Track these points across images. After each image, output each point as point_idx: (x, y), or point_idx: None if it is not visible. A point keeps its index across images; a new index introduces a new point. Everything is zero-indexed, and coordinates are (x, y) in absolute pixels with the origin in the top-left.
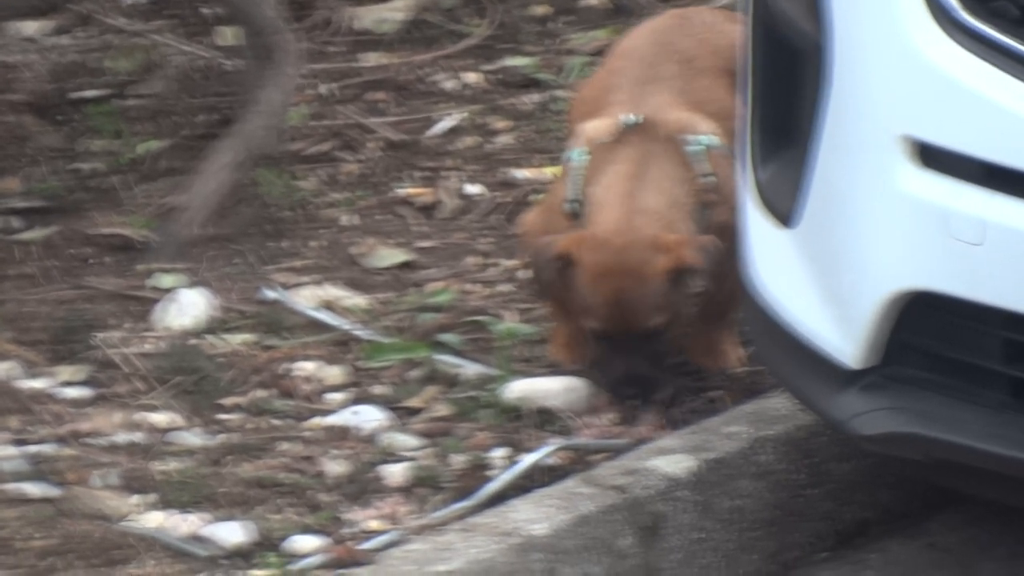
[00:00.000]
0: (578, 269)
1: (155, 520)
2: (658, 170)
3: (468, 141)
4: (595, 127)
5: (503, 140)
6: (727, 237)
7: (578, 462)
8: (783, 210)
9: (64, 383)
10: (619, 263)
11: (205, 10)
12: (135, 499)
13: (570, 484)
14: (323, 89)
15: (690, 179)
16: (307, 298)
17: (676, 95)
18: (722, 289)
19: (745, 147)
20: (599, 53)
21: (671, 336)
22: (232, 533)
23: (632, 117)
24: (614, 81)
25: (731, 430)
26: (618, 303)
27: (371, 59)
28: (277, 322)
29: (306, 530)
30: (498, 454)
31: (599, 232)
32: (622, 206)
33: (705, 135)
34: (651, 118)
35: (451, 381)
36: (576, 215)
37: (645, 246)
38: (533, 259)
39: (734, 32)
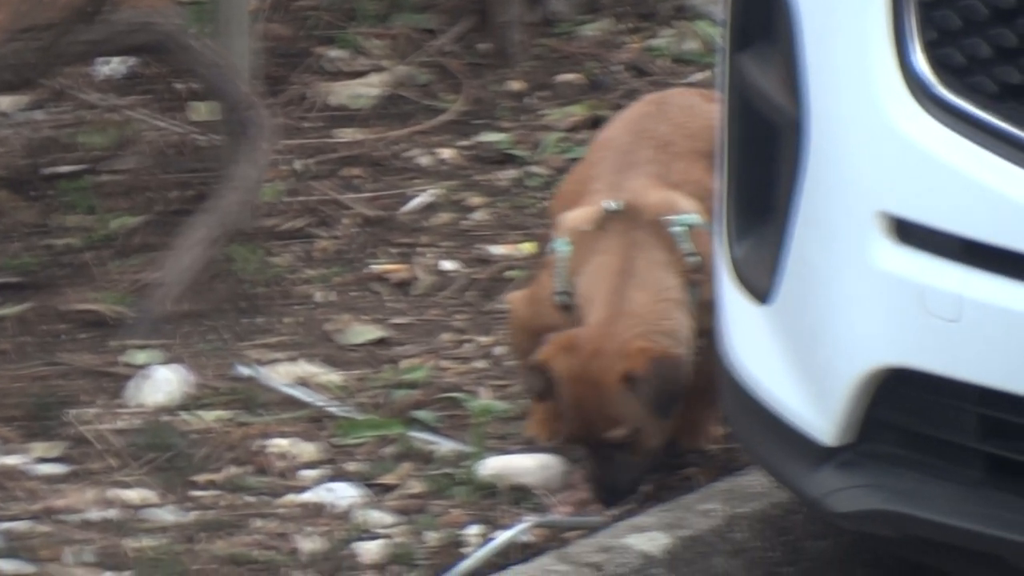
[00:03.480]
0: (554, 374)
1: None
2: (644, 261)
3: (443, 217)
4: (576, 216)
5: (478, 216)
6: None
7: (553, 539)
8: (759, 286)
9: (38, 459)
10: (583, 371)
11: (179, 86)
12: None
13: (545, 561)
14: (298, 165)
15: (676, 262)
16: (281, 374)
17: (654, 179)
18: (704, 368)
19: (721, 223)
20: (575, 129)
21: (643, 449)
22: None
23: (613, 204)
24: (593, 172)
25: (706, 507)
26: (579, 411)
27: (346, 135)
28: (251, 399)
29: None
30: (473, 531)
31: (578, 337)
32: (608, 306)
33: (686, 213)
34: (632, 203)
35: (426, 458)
36: (567, 307)
37: (611, 355)
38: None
39: (711, 113)
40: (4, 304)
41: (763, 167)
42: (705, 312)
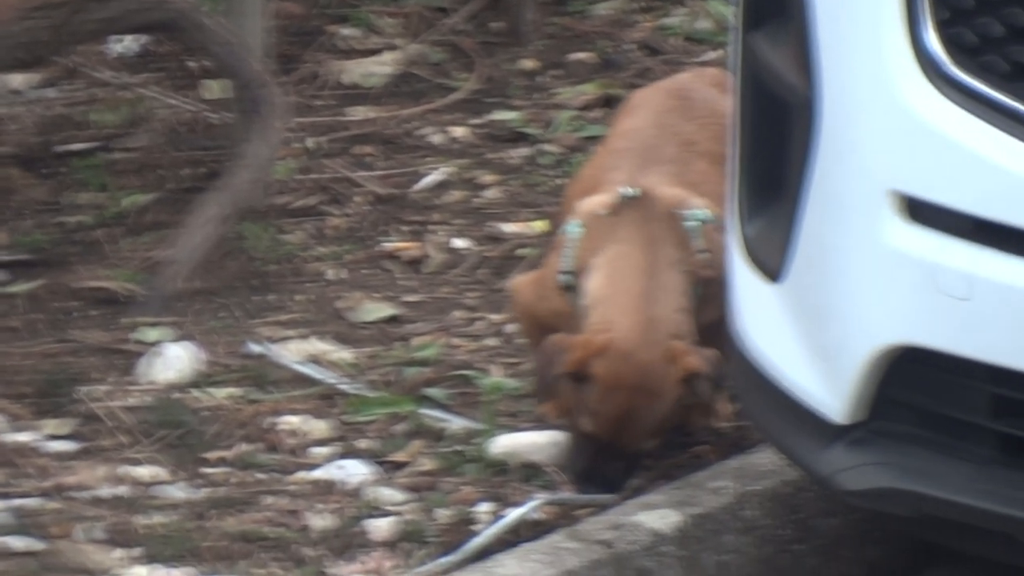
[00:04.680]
0: (592, 380)
1: (139, 575)
2: (663, 258)
3: (455, 195)
4: (591, 201)
5: (490, 194)
6: (718, 308)
7: (563, 516)
8: (770, 265)
9: (49, 436)
10: (637, 383)
11: (191, 63)
12: (119, 553)
13: (555, 539)
14: (310, 143)
15: (689, 258)
16: (293, 352)
17: (672, 177)
18: (712, 346)
19: (732, 201)
20: (587, 108)
21: (653, 448)
22: None
23: (630, 190)
24: (613, 162)
25: (717, 485)
26: (624, 420)
27: (358, 113)
28: (262, 376)
29: None
30: (483, 508)
31: (619, 343)
32: (636, 310)
33: (699, 209)
34: (648, 192)
35: (437, 435)
36: (570, 287)
37: (662, 364)
38: (542, 356)
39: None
40: (16, 281)
41: (775, 146)
42: (708, 305)
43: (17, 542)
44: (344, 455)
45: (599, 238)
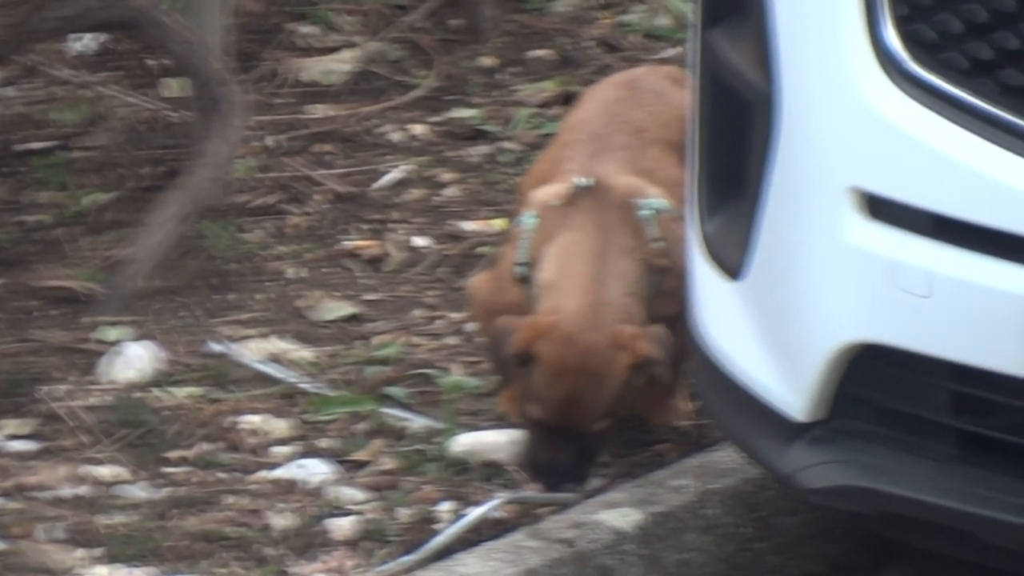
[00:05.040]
0: (536, 362)
1: (100, 574)
2: (615, 244)
3: (415, 193)
4: (545, 192)
5: (450, 192)
6: (676, 301)
7: (525, 515)
8: (730, 262)
9: (10, 436)
10: (580, 365)
11: (151, 62)
12: (80, 553)
13: (517, 537)
14: (269, 141)
15: (642, 247)
16: (253, 351)
17: (626, 165)
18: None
19: (692, 199)
20: (546, 105)
21: (608, 436)
22: None
23: (584, 180)
24: (565, 153)
25: (678, 483)
26: (570, 403)
27: (318, 111)
28: (223, 375)
29: None
30: (445, 507)
31: (563, 325)
32: (583, 293)
33: (654, 199)
34: (602, 182)
35: (398, 434)
36: (525, 279)
37: (607, 347)
38: (491, 339)
39: (681, 101)
40: None
41: (735, 143)
42: (666, 299)
43: None
44: (305, 454)
45: (553, 228)
